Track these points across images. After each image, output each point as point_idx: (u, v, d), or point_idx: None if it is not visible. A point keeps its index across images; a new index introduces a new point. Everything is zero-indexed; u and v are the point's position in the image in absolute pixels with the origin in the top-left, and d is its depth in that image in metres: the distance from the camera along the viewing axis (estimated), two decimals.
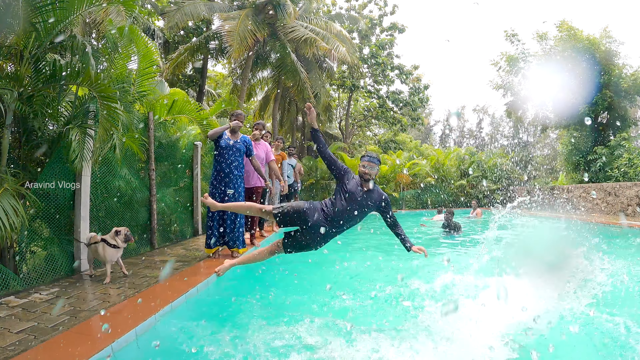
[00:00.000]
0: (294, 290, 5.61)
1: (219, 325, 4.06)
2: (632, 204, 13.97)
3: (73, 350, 3.16)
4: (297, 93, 19.77)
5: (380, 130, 42.65)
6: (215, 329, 3.93)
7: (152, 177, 8.05)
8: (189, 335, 3.78)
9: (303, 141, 28.69)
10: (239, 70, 23.24)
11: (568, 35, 21.57)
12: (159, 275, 5.77)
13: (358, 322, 4.15)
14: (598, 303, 4.60)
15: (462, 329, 3.82)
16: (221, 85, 30.70)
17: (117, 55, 6.99)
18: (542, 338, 3.69)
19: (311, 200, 11.57)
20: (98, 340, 3.35)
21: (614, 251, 8.14)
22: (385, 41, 29.63)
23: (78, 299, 4.58)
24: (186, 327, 3.94)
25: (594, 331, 3.94)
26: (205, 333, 3.81)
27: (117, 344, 3.33)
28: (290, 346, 3.62)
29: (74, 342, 3.34)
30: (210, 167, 11.23)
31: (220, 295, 5.33)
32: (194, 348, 3.44)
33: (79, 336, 3.48)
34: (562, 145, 24.09)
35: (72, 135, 5.28)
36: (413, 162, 22.41)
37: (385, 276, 6.39)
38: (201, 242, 9.23)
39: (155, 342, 3.38)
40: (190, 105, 8.72)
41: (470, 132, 70.75)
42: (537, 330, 3.76)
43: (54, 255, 5.68)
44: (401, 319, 4.37)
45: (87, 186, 6.17)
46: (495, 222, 6.99)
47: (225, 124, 7.28)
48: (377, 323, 4.18)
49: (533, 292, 4.77)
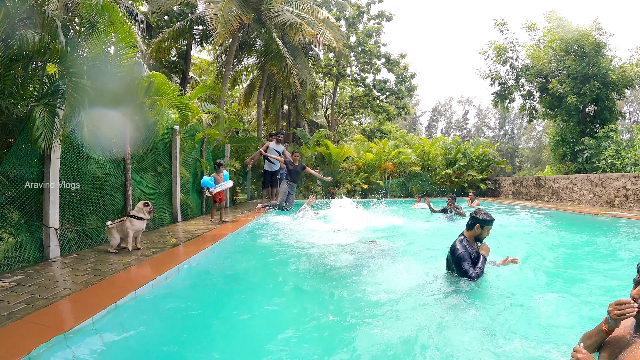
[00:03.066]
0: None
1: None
2: (619, 195, 13.93)
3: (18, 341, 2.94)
4: (282, 80, 19.39)
5: (367, 120, 42.50)
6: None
7: (127, 161, 7.73)
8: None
9: (288, 129, 28.37)
10: (224, 57, 22.82)
11: (557, 26, 21.50)
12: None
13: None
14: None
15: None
16: (206, 72, 30.19)
17: (93, 35, 6.68)
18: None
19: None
20: (48, 330, 3.11)
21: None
22: (373, 29, 29.31)
23: (39, 287, 4.29)
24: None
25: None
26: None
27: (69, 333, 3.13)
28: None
29: (25, 331, 3.11)
30: (189, 153, 10.98)
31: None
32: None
33: (31, 325, 3.23)
34: (549, 136, 24.08)
35: (36, 113, 4.96)
36: (398, 150, 22.22)
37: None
38: (180, 228, 8.99)
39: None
40: (169, 88, 8.35)
41: (457, 123, 71.04)
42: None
43: (22, 242, 5.37)
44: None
45: (56, 169, 5.84)
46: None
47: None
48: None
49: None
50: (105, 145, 7.14)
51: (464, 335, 3.37)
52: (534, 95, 24.36)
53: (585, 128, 21.52)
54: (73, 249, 6.28)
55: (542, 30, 22.90)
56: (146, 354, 3.21)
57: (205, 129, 11.98)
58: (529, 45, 23.52)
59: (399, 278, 5.14)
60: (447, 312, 3.87)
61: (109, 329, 3.43)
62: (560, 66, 21.32)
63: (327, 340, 3.44)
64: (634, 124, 46.23)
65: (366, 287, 4.74)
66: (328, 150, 20.52)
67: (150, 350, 3.25)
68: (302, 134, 22.31)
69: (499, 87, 24.95)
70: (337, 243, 7.68)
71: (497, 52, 24.04)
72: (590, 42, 20.12)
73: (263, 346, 3.31)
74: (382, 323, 3.65)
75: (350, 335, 3.44)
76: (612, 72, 19.94)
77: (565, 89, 20.42)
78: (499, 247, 6.72)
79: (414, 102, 59.49)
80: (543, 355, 3.00)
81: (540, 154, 54.00)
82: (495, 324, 3.58)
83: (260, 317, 3.95)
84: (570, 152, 21.59)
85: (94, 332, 3.32)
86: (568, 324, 3.62)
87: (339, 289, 4.68)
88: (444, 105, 72.34)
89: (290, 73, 18.55)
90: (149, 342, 3.36)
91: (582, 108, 21.21)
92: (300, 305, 4.37)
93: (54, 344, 2.96)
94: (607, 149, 18.72)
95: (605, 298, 4.21)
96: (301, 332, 3.57)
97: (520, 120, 61.89)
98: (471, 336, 3.36)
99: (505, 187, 21.81)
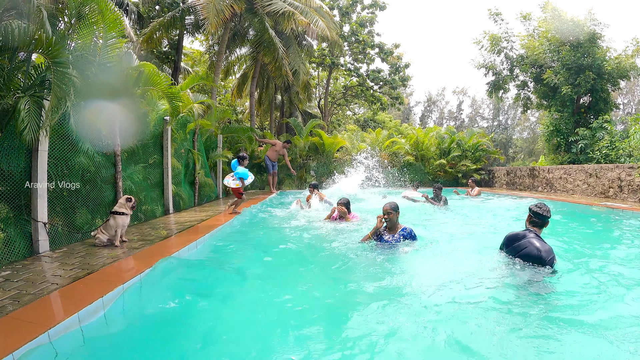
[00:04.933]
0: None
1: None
2: (614, 186, 13.92)
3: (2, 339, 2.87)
4: (274, 69, 19.24)
5: (360, 110, 42.43)
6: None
7: (117, 153, 7.61)
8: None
9: (281, 119, 28.25)
10: (217, 47, 22.62)
11: (552, 16, 21.38)
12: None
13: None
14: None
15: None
16: (198, 63, 29.94)
17: (81, 25, 6.56)
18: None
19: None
20: (32, 327, 3.02)
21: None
22: (366, 19, 29.14)
23: (27, 282, 4.20)
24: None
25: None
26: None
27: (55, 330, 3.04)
28: None
29: (9, 329, 3.03)
30: (181, 144, 10.87)
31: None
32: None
33: (16, 322, 3.16)
34: (543, 126, 24.04)
35: (21, 104, 4.84)
36: (392, 140, 22.15)
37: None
38: (172, 219, 8.91)
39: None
40: (159, 78, 8.20)
41: (451, 113, 71.05)
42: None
43: (10, 236, 5.27)
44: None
45: (44, 162, 5.73)
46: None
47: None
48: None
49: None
50: (95, 137, 7.02)
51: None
52: (528, 86, 24.27)
53: (579, 119, 21.48)
54: (63, 243, 6.19)
55: (537, 21, 22.78)
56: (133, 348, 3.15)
57: (197, 119, 11.84)
58: (523, 36, 23.38)
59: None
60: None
61: (95, 324, 3.38)
62: (555, 56, 21.23)
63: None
64: (628, 115, 46.30)
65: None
66: (321, 140, 20.44)
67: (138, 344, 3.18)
68: (295, 123, 22.21)
69: (493, 77, 24.84)
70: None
71: (492, 42, 23.90)
72: (585, 33, 20.04)
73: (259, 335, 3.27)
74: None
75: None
76: (607, 63, 19.86)
77: (560, 79, 20.34)
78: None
79: (408, 92, 59.38)
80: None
81: (534, 145, 54.08)
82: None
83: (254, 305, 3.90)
84: (565, 142, 21.57)
85: (79, 328, 3.25)
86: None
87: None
88: (438, 96, 72.27)
89: (283, 63, 18.41)
90: (136, 336, 3.30)
91: (576, 99, 21.17)
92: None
93: (39, 342, 2.88)
94: (601, 139, 18.68)
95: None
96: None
97: (514, 111, 61.94)
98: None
99: (499, 177, 21.82)
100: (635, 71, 20.10)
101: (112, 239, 6.18)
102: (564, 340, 3.12)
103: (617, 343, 3.01)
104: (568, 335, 3.19)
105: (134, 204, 6.54)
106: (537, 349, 3.04)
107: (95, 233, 6.21)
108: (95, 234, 6.20)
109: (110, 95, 7.24)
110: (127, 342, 3.25)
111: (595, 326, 3.33)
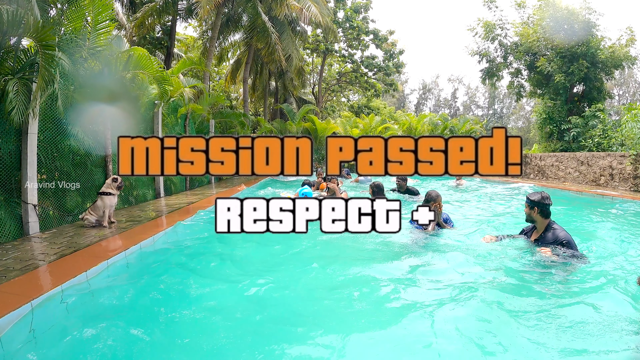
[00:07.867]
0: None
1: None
2: (605, 174, 14.05)
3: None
4: (267, 55, 19.21)
5: (355, 97, 42.39)
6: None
7: (107, 136, 7.64)
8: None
9: (275, 105, 28.22)
10: (210, 33, 22.52)
11: (547, 4, 21.34)
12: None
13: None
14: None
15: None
16: (192, 49, 29.77)
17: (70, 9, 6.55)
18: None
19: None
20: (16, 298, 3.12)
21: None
22: (361, 5, 29.05)
23: (15, 260, 4.30)
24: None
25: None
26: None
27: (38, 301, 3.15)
28: None
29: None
30: (172, 128, 10.88)
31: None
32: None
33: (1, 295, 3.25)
34: (536, 113, 24.10)
35: (10, 86, 4.87)
36: (385, 126, 22.19)
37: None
38: (163, 203, 8.97)
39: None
40: (149, 62, 8.19)
41: (446, 101, 71.02)
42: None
43: (1, 218, 5.32)
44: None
45: (33, 144, 5.76)
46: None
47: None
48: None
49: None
50: (85, 121, 7.04)
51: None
52: (522, 73, 24.28)
53: (573, 107, 21.52)
54: (53, 225, 6.24)
55: (531, 9, 22.74)
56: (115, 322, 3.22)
57: (188, 104, 11.83)
58: (518, 23, 23.35)
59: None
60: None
61: (79, 297, 3.46)
62: (549, 44, 21.24)
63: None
64: (622, 106, 46.44)
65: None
66: (314, 126, 20.48)
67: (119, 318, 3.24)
68: (288, 109, 22.23)
69: (487, 65, 24.83)
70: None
71: (486, 29, 23.84)
72: (579, 22, 20.03)
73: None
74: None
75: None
76: (601, 52, 19.87)
77: (554, 67, 20.37)
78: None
79: (403, 79, 59.28)
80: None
81: (528, 134, 54.20)
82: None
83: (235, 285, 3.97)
84: (557, 130, 21.62)
85: (62, 300, 3.35)
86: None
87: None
88: (432, 83, 72.20)
89: (276, 48, 18.37)
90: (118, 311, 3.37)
91: (570, 87, 21.20)
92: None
93: (22, 312, 2.98)
94: (594, 128, 18.73)
95: None
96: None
97: (509, 100, 62.05)
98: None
99: None
100: (629, 61, 20.15)
101: (101, 219, 6.24)
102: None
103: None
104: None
105: (121, 184, 6.52)
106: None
107: (83, 215, 6.28)
108: (83, 216, 6.26)
109: (101, 79, 7.27)
110: (112, 313, 3.30)
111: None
